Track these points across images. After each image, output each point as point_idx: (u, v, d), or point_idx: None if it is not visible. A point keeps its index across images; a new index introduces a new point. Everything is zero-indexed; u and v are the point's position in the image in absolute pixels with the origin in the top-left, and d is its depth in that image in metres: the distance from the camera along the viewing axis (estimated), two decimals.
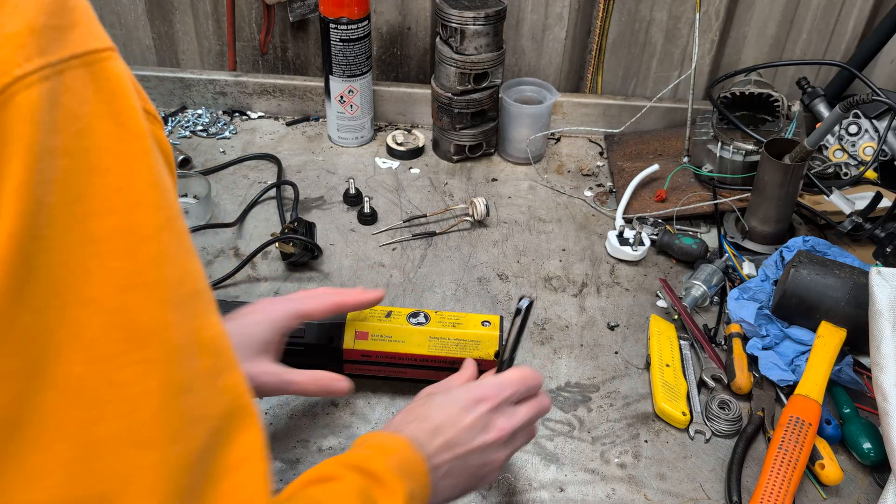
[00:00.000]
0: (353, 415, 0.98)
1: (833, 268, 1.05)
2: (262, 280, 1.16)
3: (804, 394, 0.94)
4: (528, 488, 0.90)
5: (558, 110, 1.50)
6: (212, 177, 1.35)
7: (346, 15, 1.31)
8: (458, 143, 1.41)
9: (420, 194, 1.35)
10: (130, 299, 0.42)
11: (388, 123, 1.53)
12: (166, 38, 1.52)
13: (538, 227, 1.30)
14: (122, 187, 0.42)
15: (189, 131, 1.47)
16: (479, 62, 1.32)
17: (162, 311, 0.43)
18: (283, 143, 1.46)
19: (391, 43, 1.51)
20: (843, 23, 1.45)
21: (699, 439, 0.97)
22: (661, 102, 1.45)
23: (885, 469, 0.90)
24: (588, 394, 1.02)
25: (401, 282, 1.17)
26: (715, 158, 1.31)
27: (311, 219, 1.24)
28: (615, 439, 0.96)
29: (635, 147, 1.45)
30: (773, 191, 1.18)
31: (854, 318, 1.01)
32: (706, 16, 1.44)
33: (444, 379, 0.86)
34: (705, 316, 1.14)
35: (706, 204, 1.29)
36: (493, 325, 0.98)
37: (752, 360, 1.05)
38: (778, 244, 1.20)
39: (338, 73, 1.37)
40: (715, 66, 1.51)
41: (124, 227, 0.41)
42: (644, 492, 0.91)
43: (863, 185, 1.31)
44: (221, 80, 1.50)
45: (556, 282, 1.19)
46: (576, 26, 1.48)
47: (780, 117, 1.32)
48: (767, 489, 0.87)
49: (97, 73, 0.41)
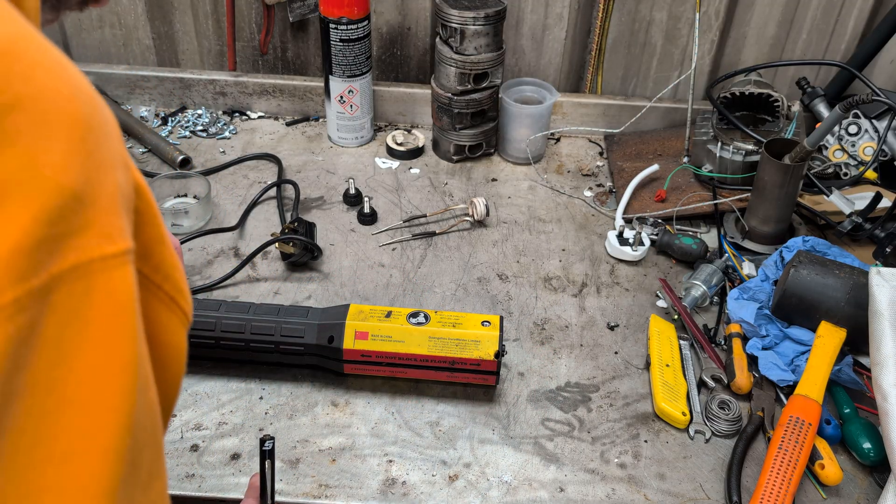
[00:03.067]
0: (353, 415, 0.98)
1: (833, 268, 1.05)
2: (262, 280, 1.16)
3: (804, 394, 0.94)
4: (528, 488, 0.90)
5: (558, 110, 1.50)
6: (212, 177, 1.35)
7: (346, 15, 1.31)
8: (458, 143, 1.41)
9: (420, 194, 1.35)
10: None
11: (388, 123, 1.53)
12: (166, 38, 1.52)
13: (538, 227, 1.30)
14: (91, 432, 0.35)
15: (189, 131, 1.47)
16: (479, 62, 1.32)
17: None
18: (283, 144, 1.46)
19: (391, 43, 1.51)
20: (843, 23, 1.45)
21: (699, 439, 0.97)
22: (661, 102, 1.45)
23: (885, 469, 0.90)
24: (588, 394, 1.02)
25: (401, 282, 1.17)
26: (715, 158, 1.31)
27: (311, 219, 1.24)
28: (615, 439, 0.96)
29: (635, 147, 1.45)
30: (773, 191, 1.18)
31: (854, 318, 1.01)
32: (706, 16, 1.44)
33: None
34: (705, 316, 1.14)
35: (706, 204, 1.29)
36: (493, 325, 0.98)
37: (752, 360, 1.05)
38: (778, 244, 1.20)
39: (338, 73, 1.37)
40: (715, 66, 1.51)
41: (75, 481, 0.35)
42: (644, 492, 0.91)
43: (863, 185, 1.31)
44: (221, 80, 1.50)
45: (555, 282, 1.19)
46: (576, 26, 1.47)
47: (780, 117, 1.32)
48: (767, 489, 0.87)
49: (95, 287, 0.35)
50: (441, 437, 0.96)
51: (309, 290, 1.15)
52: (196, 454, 0.92)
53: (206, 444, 0.93)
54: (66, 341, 0.34)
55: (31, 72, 0.34)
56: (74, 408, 0.35)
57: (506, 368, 1.04)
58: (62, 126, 0.34)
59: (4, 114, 0.32)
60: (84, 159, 0.35)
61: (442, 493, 0.90)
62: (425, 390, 1.01)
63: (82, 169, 0.34)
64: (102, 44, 1.53)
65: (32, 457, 0.34)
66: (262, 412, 0.98)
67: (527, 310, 1.14)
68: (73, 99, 0.35)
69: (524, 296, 1.16)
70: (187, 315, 0.45)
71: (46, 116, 0.34)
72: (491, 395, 1.01)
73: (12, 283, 0.32)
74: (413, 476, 0.91)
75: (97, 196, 0.35)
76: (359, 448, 0.94)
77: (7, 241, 0.31)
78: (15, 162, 0.32)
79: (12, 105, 0.32)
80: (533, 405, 1.00)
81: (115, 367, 0.37)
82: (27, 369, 0.33)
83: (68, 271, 0.34)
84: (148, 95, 1.50)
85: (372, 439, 0.95)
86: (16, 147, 0.32)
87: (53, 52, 0.36)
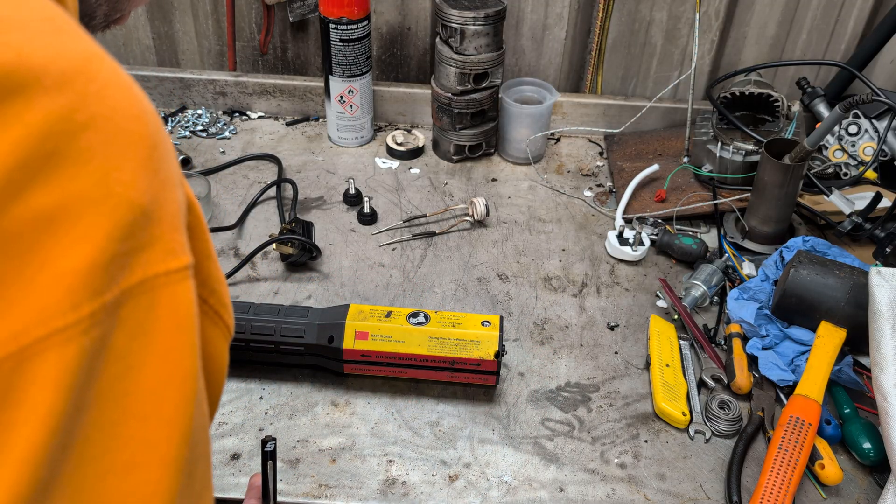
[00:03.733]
0: (353, 415, 0.98)
1: (833, 268, 1.05)
2: (261, 280, 1.16)
3: (804, 394, 0.94)
4: (528, 488, 0.90)
5: (558, 110, 1.50)
6: (212, 177, 1.35)
7: (346, 15, 1.31)
8: (457, 143, 1.41)
9: (420, 194, 1.35)
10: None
11: (388, 123, 1.53)
12: (166, 38, 1.52)
13: (538, 227, 1.30)
14: (153, 442, 0.36)
15: (189, 131, 1.47)
16: (479, 62, 1.32)
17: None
18: (283, 144, 1.46)
19: (391, 43, 1.51)
20: (843, 23, 1.45)
21: (699, 439, 0.97)
22: (661, 102, 1.45)
23: (885, 469, 0.90)
24: (588, 394, 1.02)
25: (401, 282, 1.17)
26: (715, 158, 1.31)
27: (310, 219, 1.24)
28: (615, 439, 0.96)
29: (635, 147, 1.45)
30: (773, 191, 1.18)
31: (854, 318, 1.01)
32: (706, 16, 1.44)
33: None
34: (705, 316, 1.14)
35: (706, 204, 1.29)
36: (493, 325, 0.98)
37: (752, 360, 1.05)
38: (778, 244, 1.20)
39: (338, 73, 1.37)
40: (715, 66, 1.51)
41: (139, 491, 0.36)
42: (644, 492, 0.91)
43: (863, 185, 1.31)
44: (221, 80, 1.50)
45: (556, 282, 1.19)
46: (576, 26, 1.48)
47: (780, 117, 1.32)
48: (767, 489, 0.87)
49: (160, 301, 0.36)
50: (441, 437, 0.96)
51: (309, 290, 1.15)
52: None
53: None
54: (132, 354, 0.35)
55: (105, 91, 0.35)
56: (138, 419, 0.36)
57: (506, 368, 1.04)
58: (131, 144, 0.35)
59: (80, 132, 0.33)
60: (151, 177, 0.36)
61: (442, 493, 0.90)
62: (425, 390, 1.01)
63: (149, 186, 0.35)
64: (102, 44, 1.52)
65: (98, 467, 0.34)
66: (262, 412, 0.98)
67: (527, 310, 1.14)
68: (140, 118, 0.36)
69: (524, 296, 1.16)
70: (230, 328, 0.45)
71: (118, 135, 0.35)
72: (491, 395, 1.01)
73: (89, 298, 0.32)
74: (413, 476, 0.91)
75: (162, 212, 0.36)
76: (359, 448, 0.94)
77: (84, 256, 0.32)
78: (90, 179, 0.33)
79: (87, 124, 0.33)
80: (533, 405, 1.00)
81: (177, 380, 0.37)
82: (97, 382, 0.34)
83: (136, 286, 0.35)
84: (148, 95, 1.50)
85: (372, 439, 0.95)
86: (90, 165, 0.33)
87: (121, 71, 0.37)
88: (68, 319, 0.32)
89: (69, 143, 0.33)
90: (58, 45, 0.35)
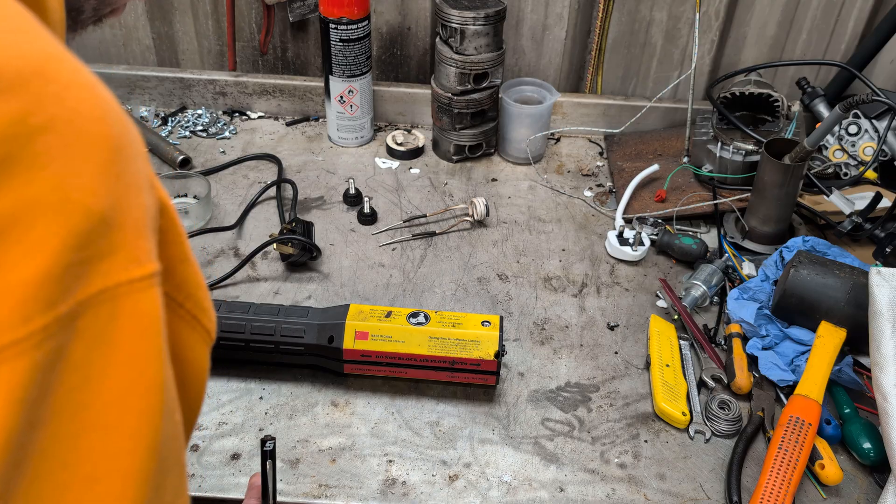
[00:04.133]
0: (353, 415, 0.98)
1: (833, 268, 1.05)
2: (261, 280, 1.16)
3: (804, 394, 0.94)
4: (528, 488, 0.90)
5: (558, 110, 1.50)
6: (212, 177, 1.35)
7: (346, 15, 1.31)
8: (458, 143, 1.41)
9: (420, 194, 1.35)
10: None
11: (388, 123, 1.53)
12: (166, 38, 1.52)
13: (538, 227, 1.30)
14: (116, 454, 0.35)
15: (189, 131, 1.47)
16: (479, 62, 1.32)
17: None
18: (283, 144, 1.46)
19: (391, 43, 1.51)
20: (843, 23, 1.45)
21: (699, 439, 0.97)
22: (661, 102, 1.45)
23: (885, 469, 0.90)
24: (588, 394, 1.02)
25: (401, 282, 1.17)
26: (715, 158, 1.31)
27: (310, 219, 1.24)
28: (615, 439, 0.96)
29: (635, 147, 1.45)
30: (773, 191, 1.18)
31: (854, 318, 1.01)
32: (706, 16, 1.44)
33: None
34: (705, 316, 1.14)
35: (706, 204, 1.29)
36: (493, 325, 0.98)
37: (752, 360, 1.05)
38: (778, 244, 1.20)
39: (338, 73, 1.37)
40: (715, 67, 1.51)
41: (104, 501, 0.35)
42: (644, 492, 0.91)
43: (863, 185, 1.31)
44: (221, 81, 1.50)
45: (556, 282, 1.19)
46: (576, 26, 1.48)
47: (780, 117, 1.32)
48: (767, 489, 0.87)
49: (122, 310, 0.35)
50: (441, 437, 0.96)
51: (309, 290, 1.15)
52: (196, 454, 0.92)
53: (205, 444, 0.93)
54: (91, 365, 0.34)
55: (65, 92, 0.34)
56: (99, 431, 0.34)
57: (506, 368, 1.04)
58: (92, 148, 0.34)
59: (36, 135, 0.32)
60: (113, 182, 0.34)
61: (442, 493, 0.90)
62: (425, 390, 1.01)
63: (110, 192, 0.34)
64: (102, 44, 1.53)
65: (56, 481, 0.33)
66: (262, 412, 0.98)
67: (527, 310, 1.14)
68: (103, 120, 0.35)
69: (524, 296, 1.16)
70: (210, 333, 0.44)
71: (77, 139, 0.33)
72: (491, 395, 1.01)
73: (41, 311, 0.31)
74: (413, 476, 0.91)
75: (124, 219, 0.35)
76: (359, 448, 0.94)
77: (37, 267, 0.31)
78: (45, 185, 0.32)
79: (45, 127, 0.32)
80: (533, 405, 1.00)
81: (140, 390, 0.36)
82: (53, 394, 0.32)
83: (95, 296, 0.33)
84: (148, 95, 1.50)
85: (372, 439, 0.95)
86: (46, 170, 0.32)
87: (84, 71, 0.36)
88: (19, 333, 0.30)
89: (23, 148, 0.31)
90: (13, 45, 0.33)
